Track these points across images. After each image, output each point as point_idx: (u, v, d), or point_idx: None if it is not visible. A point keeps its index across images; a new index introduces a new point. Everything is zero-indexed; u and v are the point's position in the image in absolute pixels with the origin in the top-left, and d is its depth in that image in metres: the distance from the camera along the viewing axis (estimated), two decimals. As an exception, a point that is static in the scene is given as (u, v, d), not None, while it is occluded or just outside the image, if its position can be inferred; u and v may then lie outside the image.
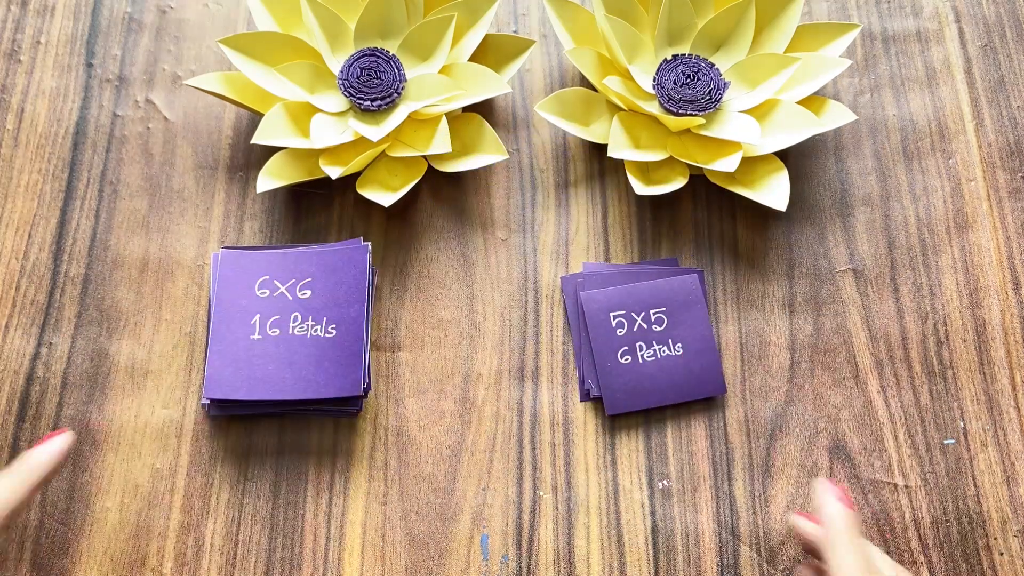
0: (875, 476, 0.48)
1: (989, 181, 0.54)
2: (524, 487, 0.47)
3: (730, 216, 0.53)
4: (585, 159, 0.54)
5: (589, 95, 0.53)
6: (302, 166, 0.51)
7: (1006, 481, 0.48)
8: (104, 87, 0.55)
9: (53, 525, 0.46)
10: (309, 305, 0.48)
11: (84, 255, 0.52)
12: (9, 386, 0.49)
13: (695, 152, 0.52)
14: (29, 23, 0.57)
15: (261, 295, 0.49)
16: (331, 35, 0.53)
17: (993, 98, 0.56)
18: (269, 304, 0.48)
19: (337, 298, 0.48)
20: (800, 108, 0.51)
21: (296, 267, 0.49)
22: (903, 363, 0.50)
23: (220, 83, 0.52)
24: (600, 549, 0.46)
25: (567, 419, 0.49)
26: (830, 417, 0.49)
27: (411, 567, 0.46)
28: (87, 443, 0.48)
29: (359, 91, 0.52)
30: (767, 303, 0.51)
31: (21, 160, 0.54)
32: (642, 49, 0.54)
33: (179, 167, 0.54)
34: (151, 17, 0.57)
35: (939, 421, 0.49)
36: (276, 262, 0.49)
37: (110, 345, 0.50)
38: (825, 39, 0.53)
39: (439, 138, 0.50)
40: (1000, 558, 0.46)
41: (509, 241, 0.53)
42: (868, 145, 0.55)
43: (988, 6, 0.58)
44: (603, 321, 0.49)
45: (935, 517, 0.47)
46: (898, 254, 0.52)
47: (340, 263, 0.49)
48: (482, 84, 0.51)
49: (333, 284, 0.49)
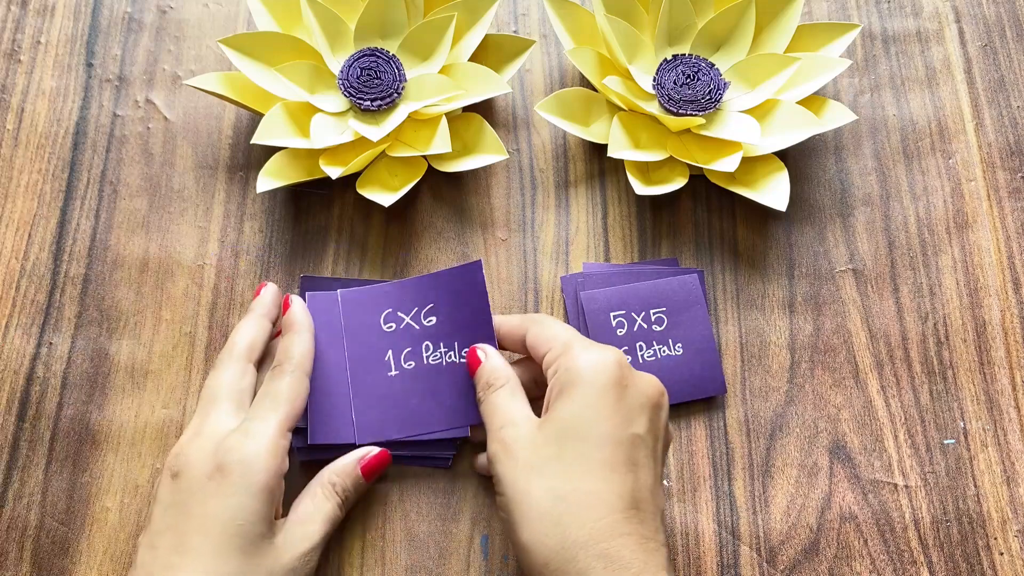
0: (875, 476, 0.48)
1: (989, 181, 0.54)
2: (524, 487, 0.47)
3: (730, 216, 0.53)
4: (585, 159, 0.54)
5: (589, 95, 0.53)
6: (302, 166, 0.51)
7: (1006, 481, 0.48)
8: (104, 87, 0.55)
9: (53, 525, 0.46)
10: (438, 332, 0.47)
11: (84, 255, 0.52)
12: (9, 386, 0.49)
13: (695, 152, 0.52)
14: (29, 23, 0.57)
15: (388, 329, 0.47)
16: (331, 35, 0.53)
17: (993, 98, 0.56)
18: (398, 338, 0.47)
19: (462, 321, 0.46)
20: (800, 108, 0.51)
21: (416, 296, 0.47)
22: (903, 363, 0.50)
23: (220, 83, 0.52)
24: (600, 549, 0.46)
25: (567, 419, 0.49)
26: (830, 417, 0.49)
27: (411, 567, 0.46)
28: (87, 443, 0.48)
29: (359, 91, 0.52)
30: (767, 303, 0.51)
31: (21, 160, 0.54)
32: (642, 49, 0.54)
33: (179, 167, 0.54)
34: (151, 17, 0.57)
35: (939, 421, 0.49)
36: (395, 294, 0.48)
37: (110, 345, 0.50)
38: (825, 39, 0.53)
39: (439, 138, 0.50)
40: (1000, 558, 0.46)
41: (509, 241, 0.53)
42: (868, 145, 0.55)
43: (988, 6, 0.58)
44: (603, 321, 0.49)
45: (935, 517, 0.47)
46: (898, 254, 0.52)
47: (459, 285, 0.47)
48: (482, 84, 0.51)
49: (456, 307, 0.47)
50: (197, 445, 0.40)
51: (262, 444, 0.40)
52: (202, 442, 0.40)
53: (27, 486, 0.47)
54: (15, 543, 0.46)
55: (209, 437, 0.41)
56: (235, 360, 0.44)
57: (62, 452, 0.48)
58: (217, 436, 0.40)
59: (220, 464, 0.39)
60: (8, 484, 0.47)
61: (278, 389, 0.42)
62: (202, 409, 0.42)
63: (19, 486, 0.47)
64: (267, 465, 0.39)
